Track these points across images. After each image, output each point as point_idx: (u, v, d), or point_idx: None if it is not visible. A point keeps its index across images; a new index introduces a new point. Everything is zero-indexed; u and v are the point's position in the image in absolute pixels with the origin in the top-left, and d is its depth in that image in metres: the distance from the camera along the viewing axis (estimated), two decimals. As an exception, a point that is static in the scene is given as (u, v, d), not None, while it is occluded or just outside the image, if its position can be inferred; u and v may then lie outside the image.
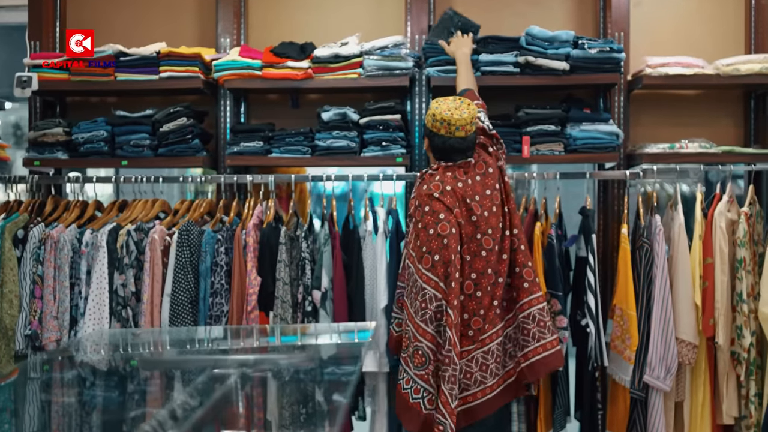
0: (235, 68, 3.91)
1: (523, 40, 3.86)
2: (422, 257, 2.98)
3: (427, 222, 3.00)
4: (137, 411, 2.61)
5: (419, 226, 3.02)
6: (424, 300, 2.96)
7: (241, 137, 3.96)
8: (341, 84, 3.93)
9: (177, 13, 4.37)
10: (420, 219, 3.02)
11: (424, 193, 3.06)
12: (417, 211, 3.05)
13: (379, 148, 3.88)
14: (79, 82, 3.96)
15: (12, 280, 3.64)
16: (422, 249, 2.98)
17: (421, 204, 3.04)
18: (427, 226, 2.99)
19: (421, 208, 3.04)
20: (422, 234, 3.00)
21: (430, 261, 2.96)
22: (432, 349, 2.95)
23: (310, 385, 2.77)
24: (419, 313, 2.97)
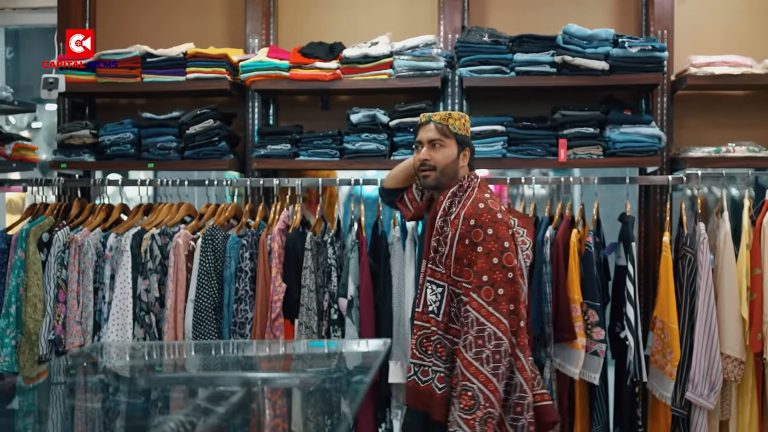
0: (262, 69, 3.82)
1: (560, 38, 3.70)
2: (482, 288, 2.67)
3: (490, 248, 2.68)
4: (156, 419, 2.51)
5: (479, 250, 2.68)
6: (481, 336, 2.64)
7: (269, 140, 3.87)
8: (371, 85, 3.82)
9: (205, 13, 4.30)
10: (480, 242, 2.69)
11: (485, 211, 2.72)
12: (476, 232, 2.70)
13: (410, 151, 3.76)
14: (105, 84, 3.91)
15: (36, 284, 3.60)
16: (482, 278, 2.67)
17: (483, 225, 2.70)
18: (490, 253, 2.68)
19: (482, 230, 2.70)
20: (481, 261, 2.67)
21: (492, 294, 2.66)
22: (483, 393, 2.63)
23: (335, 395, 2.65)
24: (471, 350, 2.66)
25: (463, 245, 2.71)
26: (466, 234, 2.71)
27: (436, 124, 2.88)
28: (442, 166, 2.86)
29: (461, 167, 2.90)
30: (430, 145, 2.88)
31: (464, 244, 2.71)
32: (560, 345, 3.42)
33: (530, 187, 3.80)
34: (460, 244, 2.72)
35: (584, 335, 3.39)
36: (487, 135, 3.74)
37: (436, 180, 2.87)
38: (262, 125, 4.07)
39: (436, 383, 2.75)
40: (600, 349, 3.38)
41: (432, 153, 2.87)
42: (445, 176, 2.87)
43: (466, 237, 2.71)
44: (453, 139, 2.87)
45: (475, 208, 2.74)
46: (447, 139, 2.87)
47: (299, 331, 3.52)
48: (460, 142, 2.88)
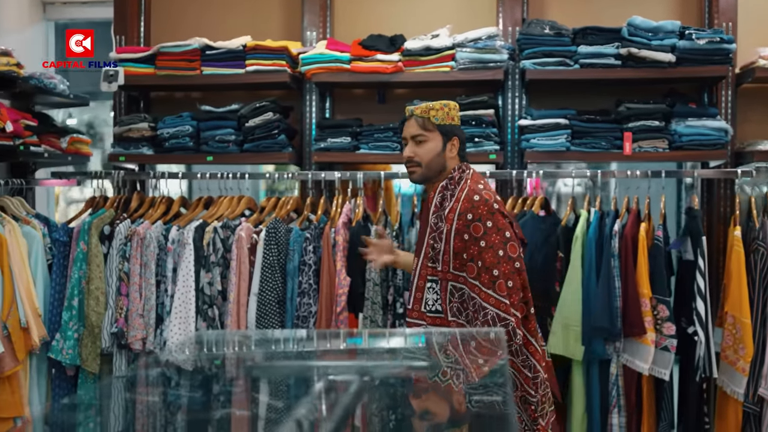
0: (322, 61, 3.80)
1: (625, 30, 3.66)
2: (495, 282, 2.57)
3: (494, 242, 2.58)
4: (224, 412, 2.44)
5: (482, 244, 2.58)
6: (506, 333, 2.55)
7: (328, 132, 3.84)
8: (432, 77, 3.79)
9: (261, 6, 4.28)
10: (482, 237, 2.59)
11: (481, 203, 2.62)
12: (475, 227, 2.60)
13: (472, 144, 3.72)
14: (164, 77, 3.90)
15: (98, 276, 3.59)
16: (493, 273, 2.57)
17: (481, 218, 2.60)
18: (494, 247, 2.59)
19: (481, 223, 2.60)
20: (488, 256, 2.58)
21: (505, 288, 2.56)
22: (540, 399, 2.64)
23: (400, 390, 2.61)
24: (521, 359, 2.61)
25: (461, 240, 2.62)
26: (464, 229, 2.61)
27: (416, 119, 2.76)
28: (427, 161, 2.74)
29: (450, 158, 2.76)
30: (413, 141, 2.76)
31: (463, 239, 2.61)
32: (629, 340, 3.38)
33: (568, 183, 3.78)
34: (457, 238, 2.62)
35: (653, 330, 3.34)
36: (550, 128, 3.70)
37: (423, 176, 2.77)
38: (319, 118, 4.05)
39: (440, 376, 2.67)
40: (671, 345, 3.33)
41: (415, 149, 2.75)
42: (432, 171, 2.75)
43: (465, 232, 2.61)
44: (436, 132, 2.74)
45: (470, 201, 2.63)
46: (429, 133, 2.74)
47: (364, 324, 3.49)
48: (444, 133, 2.75)
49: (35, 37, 4.72)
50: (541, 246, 3.49)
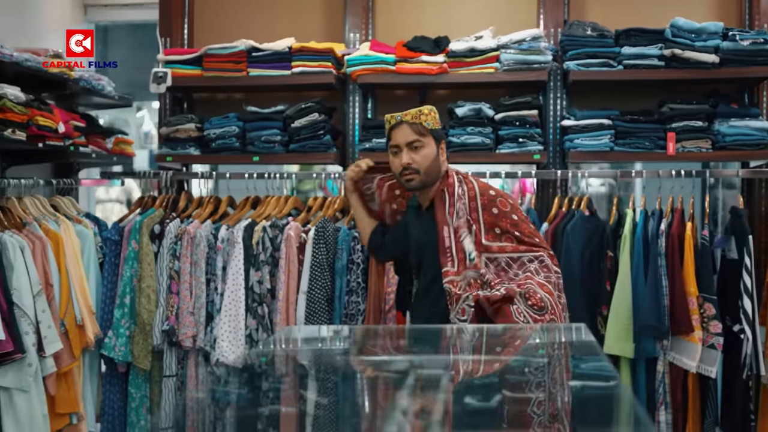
0: (368, 63, 3.85)
1: (668, 32, 3.70)
2: (541, 245, 2.84)
3: (521, 216, 2.87)
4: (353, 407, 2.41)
5: (514, 218, 2.81)
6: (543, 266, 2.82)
7: (373, 133, 3.89)
8: (476, 79, 3.83)
9: (303, 8, 4.33)
10: (511, 211, 2.82)
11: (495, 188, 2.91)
12: (501, 202, 2.82)
13: (516, 144, 3.77)
14: (211, 78, 3.96)
15: (149, 275, 3.65)
16: (535, 240, 2.83)
17: (503, 196, 2.87)
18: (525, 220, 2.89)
19: (504, 199, 2.84)
20: (524, 226, 2.83)
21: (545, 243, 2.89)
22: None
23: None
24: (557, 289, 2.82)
25: (490, 214, 2.79)
26: (490, 204, 2.80)
27: (410, 125, 2.81)
28: (425, 168, 2.81)
29: (442, 162, 2.87)
30: (410, 147, 2.81)
31: (492, 213, 2.79)
32: (676, 338, 3.42)
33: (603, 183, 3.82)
34: (485, 213, 2.79)
35: (700, 328, 3.38)
36: (594, 128, 3.74)
37: (421, 182, 2.84)
38: (362, 119, 4.10)
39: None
40: (717, 342, 3.37)
41: (413, 155, 2.80)
42: (430, 176, 2.84)
43: (493, 206, 2.80)
44: (430, 137, 2.82)
45: (484, 184, 2.86)
46: (425, 138, 2.81)
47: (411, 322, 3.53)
48: (436, 138, 2.84)
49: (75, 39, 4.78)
50: (587, 244, 3.53)
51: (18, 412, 3.06)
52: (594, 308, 3.48)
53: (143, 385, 3.72)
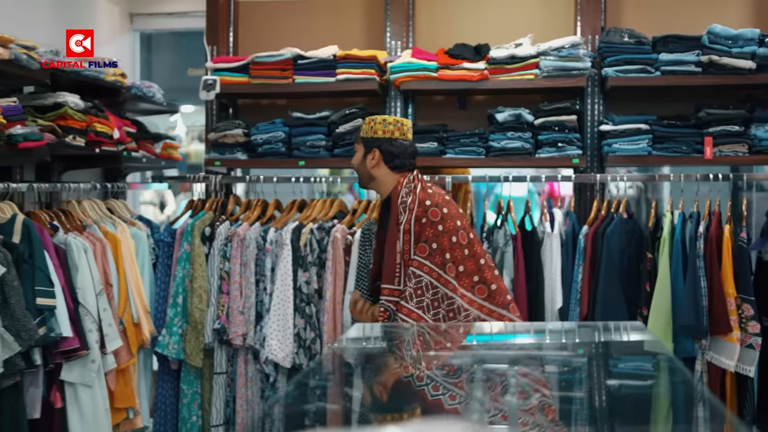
0: (411, 70, 3.96)
1: (705, 38, 3.78)
2: (446, 264, 2.85)
3: (449, 227, 2.86)
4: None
5: (439, 228, 2.85)
6: (451, 309, 2.85)
7: (416, 138, 3.97)
8: (516, 85, 3.93)
9: (344, 17, 4.46)
10: (439, 221, 2.86)
11: (436, 198, 2.90)
12: (432, 211, 2.87)
13: (555, 149, 3.87)
14: (258, 85, 4.09)
15: (201, 275, 3.78)
16: (445, 256, 2.85)
17: (438, 205, 2.88)
18: (449, 232, 2.86)
19: (438, 209, 2.88)
20: (443, 240, 2.85)
21: (454, 271, 2.85)
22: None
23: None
24: (429, 313, 2.85)
25: (420, 224, 2.88)
26: (422, 214, 2.88)
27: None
28: (355, 169, 3.13)
29: (372, 168, 3.04)
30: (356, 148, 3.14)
31: (421, 223, 2.88)
32: (714, 338, 3.50)
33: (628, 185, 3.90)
34: (417, 223, 2.88)
35: (738, 328, 3.46)
36: (632, 133, 3.83)
37: (360, 182, 3.16)
38: (403, 124, 4.21)
39: None
40: (756, 342, 3.45)
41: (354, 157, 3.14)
42: (362, 178, 3.11)
43: (423, 216, 2.88)
44: (360, 144, 3.09)
45: (426, 192, 2.94)
46: (357, 145, 3.12)
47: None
48: (366, 145, 3.06)
49: (124, 46, 4.94)
50: (627, 247, 3.63)
51: (82, 406, 3.20)
52: (634, 308, 3.57)
53: (195, 382, 3.85)
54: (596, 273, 3.59)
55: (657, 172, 5.03)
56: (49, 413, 3.11)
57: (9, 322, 2.74)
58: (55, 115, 3.46)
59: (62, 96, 3.50)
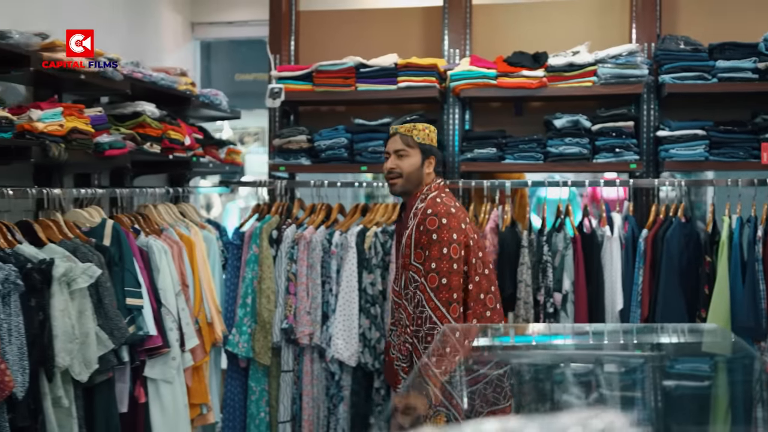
0: (470, 78, 4.07)
1: (762, 45, 3.85)
2: (429, 273, 2.93)
3: (442, 238, 2.93)
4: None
5: (433, 237, 2.93)
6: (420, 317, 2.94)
7: (475, 144, 4.11)
8: (574, 92, 4.03)
9: (401, 25, 4.58)
10: (435, 230, 2.94)
11: (439, 206, 2.99)
12: (430, 220, 2.96)
13: (612, 154, 3.96)
14: (322, 93, 4.22)
15: (269, 277, 3.92)
16: (431, 265, 2.93)
17: (437, 215, 2.96)
18: (441, 243, 2.93)
19: (437, 218, 2.96)
20: (435, 249, 2.93)
21: (436, 281, 2.92)
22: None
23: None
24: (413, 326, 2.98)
25: (419, 231, 2.98)
26: (422, 221, 2.98)
27: (401, 136, 3.12)
28: (407, 173, 3.10)
29: (426, 174, 3.12)
30: (396, 155, 3.12)
31: (420, 231, 2.98)
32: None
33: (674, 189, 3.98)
34: (417, 230, 2.99)
35: (797, 330, 3.53)
36: (688, 138, 3.91)
37: (402, 186, 3.12)
38: (461, 130, 4.33)
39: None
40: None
41: (398, 162, 3.10)
42: (410, 183, 3.11)
43: (422, 224, 2.98)
44: (417, 149, 3.10)
45: (433, 201, 3.02)
46: (411, 149, 3.10)
47: (516, 323, 3.75)
48: (424, 152, 3.11)
49: (186, 55, 5.11)
50: (685, 250, 3.71)
51: (163, 401, 3.36)
52: (693, 311, 3.65)
53: (263, 380, 3.99)
54: (656, 276, 3.68)
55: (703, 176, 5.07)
56: (133, 408, 3.26)
57: (103, 321, 2.89)
58: (134, 123, 3.61)
59: (140, 105, 3.65)
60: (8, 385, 2.37)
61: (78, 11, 3.89)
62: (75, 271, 2.76)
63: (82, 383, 2.83)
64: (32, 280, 2.57)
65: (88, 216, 3.24)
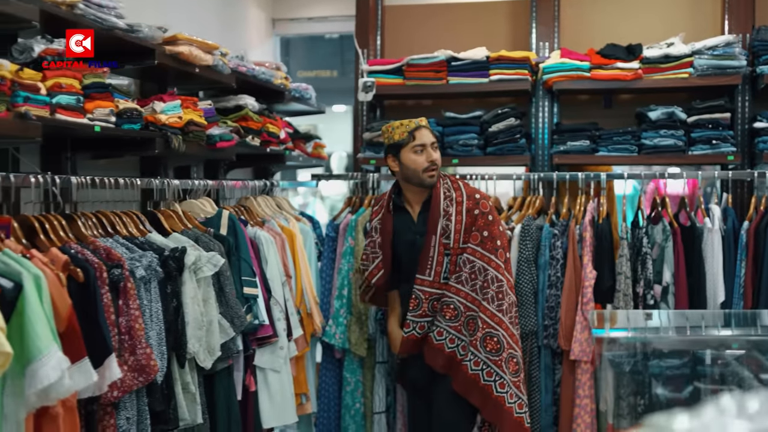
0: (564, 70, 4.07)
1: None
2: (497, 250, 3.13)
3: (496, 218, 3.18)
4: None
5: (489, 218, 3.14)
6: (500, 291, 3.11)
7: (567, 136, 4.11)
8: (669, 84, 4.01)
9: (488, 19, 4.60)
10: (489, 212, 3.15)
11: (480, 191, 3.23)
12: (482, 203, 3.16)
13: (708, 146, 3.94)
14: (413, 86, 4.25)
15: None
16: (497, 242, 3.13)
17: (487, 199, 3.20)
18: (496, 222, 3.18)
19: (487, 202, 3.19)
20: (494, 228, 3.14)
21: (504, 256, 3.16)
22: (506, 338, 3.11)
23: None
24: (494, 303, 3.10)
25: (471, 216, 3.14)
26: (473, 206, 3.15)
27: (428, 129, 3.25)
28: (437, 166, 3.23)
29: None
30: (432, 147, 3.21)
31: (473, 215, 3.14)
32: None
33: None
34: (468, 215, 3.14)
35: None
36: (787, 129, 3.88)
37: (436, 178, 3.23)
38: (549, 123, 4.33)
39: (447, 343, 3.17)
40: None
41: (435, 154, 3.21)
42: (435, 175, 3.23)
43: (475, 208, 3.14)
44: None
45: (470, 187, 3.24)
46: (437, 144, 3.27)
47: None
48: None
49: (267, 50, 5.17)
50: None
51: (271, 390, 3.40)
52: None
53: (358, 371, 4.03)
54: (759, 268, 3.64)
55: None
56: (244, 396, 3.31)
57: (224, 309, 2.94)
58: (237, 116, 3.67)
59: (242, 98, 3.71)
60: (153, 369, 2.42)
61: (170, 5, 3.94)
62: (202, 259, 2.81)
63: (204, 370, 2.88)
64: (168, 267, 2.62)
65: (201, 207, 3.30)
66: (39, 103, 2.31)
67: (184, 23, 3.46)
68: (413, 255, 3.25)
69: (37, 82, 2.32)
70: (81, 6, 2.47)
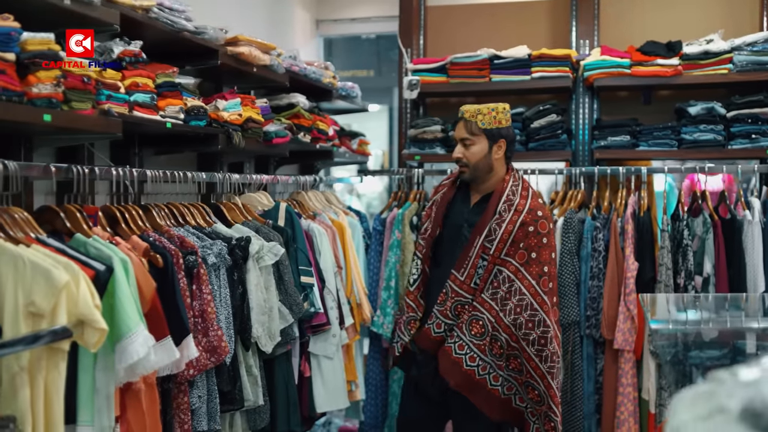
0: (604, 67, 4.17)
1: None
2: (542, 277, 2.93)
3: (551, 243, 2.98)
4: None
5: (544, 241, 2.95)
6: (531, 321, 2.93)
7: (608, 132, 4.21)
8: (708, 80, 4.10)
9: (529, 18, 4.71)
10: (545, 234, 2.96)
11: (545, 210, 3.01)
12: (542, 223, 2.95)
13: (748, 140, 4.01)
14: (456, 84, 4.37)
15: (411, 261, 4.08)
16: (543, 269, 2.94)
17: (547, 219, 2.99)
18: (550, 248, 2.97)
19: (547, 222, 2.98)
20: (545, 253, 2.95)
21: (548, 284, 2.94)
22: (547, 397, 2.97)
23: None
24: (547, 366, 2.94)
25: (524, 231, 2.92)
26: (531, 222, 2.93)
27: (465, 122, 3.04)
28: (474, 163, 3.04)
29: (495, 160, 3.04)
30: (462, 143, 3.05)
31: (526, 231, 2.92)
32: None
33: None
34: (521, 229, 2.92)
35: None
36: (826, 124, 3.94)
37: (471, 175, 3.07)
38: (590, 119, 4.43)
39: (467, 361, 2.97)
40: None
41: (464, 151, 3.05)
42: (479, 171, 3.05)
43: (531, 224, 2.92)
44: (482, 136, 3.02)
45: (537, 201, 3.00)
46: (475, 137, 3.02)
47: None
48: (490, 137, 3.01)
49: (311, 51, 5.32)
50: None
51: (324, 376, 3.55)
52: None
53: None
54: (799, 259, 3.72)
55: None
56: (300, 380, 3.46)
57: (283, 296, 3.09)
58: (290, 113, 3.82)
59: (294, 97, 3.86)
60: (225, 350, 2.58)
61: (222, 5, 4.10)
62: (264, 249, 2.96)
63: (265, 354, 3.03)
64: (235, 255, 2.78)
65: (259, 200, 3.45)
66: (119, 101, 2.48)
67: (235, 23, 3.62)
68: (455, 241, 3.10)
69: (117, 81, 2.48)
70: (155, 10, 2.63)
